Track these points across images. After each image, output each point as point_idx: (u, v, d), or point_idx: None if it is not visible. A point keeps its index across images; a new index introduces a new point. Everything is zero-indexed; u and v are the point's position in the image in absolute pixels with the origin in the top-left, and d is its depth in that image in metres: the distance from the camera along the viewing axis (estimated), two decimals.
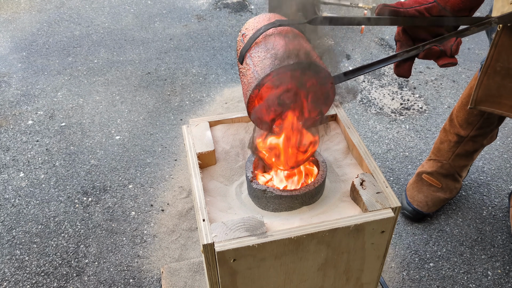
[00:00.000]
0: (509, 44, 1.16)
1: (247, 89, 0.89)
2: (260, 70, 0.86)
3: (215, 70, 2.64)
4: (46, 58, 2.75)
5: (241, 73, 0.95)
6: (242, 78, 0.94)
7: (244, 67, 0.93)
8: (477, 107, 1.32)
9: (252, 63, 0.90)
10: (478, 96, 1.30)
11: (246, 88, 0.90)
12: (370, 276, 1.05)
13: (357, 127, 2.21)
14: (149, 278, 1.60)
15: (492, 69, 1.23)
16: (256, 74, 0.87)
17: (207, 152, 1.07)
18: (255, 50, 0.91)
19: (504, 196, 1.85)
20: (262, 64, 0.87)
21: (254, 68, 0.88)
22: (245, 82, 0.91)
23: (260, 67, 0.87)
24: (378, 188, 0.96)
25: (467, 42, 2.81)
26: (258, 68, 0.87)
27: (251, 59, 0.91)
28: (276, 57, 0.85)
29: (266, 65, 0.86)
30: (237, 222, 0.89)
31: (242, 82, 0.94)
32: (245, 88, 0.91)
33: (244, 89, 0.92)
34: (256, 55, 0.90)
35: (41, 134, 2.20)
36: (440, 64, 0.99)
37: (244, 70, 0.93)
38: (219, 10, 3.25)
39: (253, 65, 0.89)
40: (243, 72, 0.93)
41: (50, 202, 1.86)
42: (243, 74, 0.93)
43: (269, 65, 0.85)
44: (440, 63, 0.99)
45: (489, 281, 1.57)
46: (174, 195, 1.89)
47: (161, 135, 2.19)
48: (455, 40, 0.95)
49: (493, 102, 1.29)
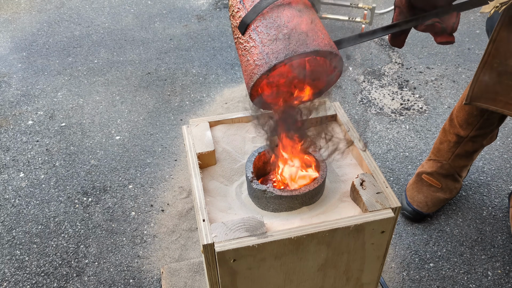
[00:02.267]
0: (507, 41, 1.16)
1: (254, 71, 0.81)
2: (271, 53, 0.79)
3: (215, 70, 2.64)
4: (46, 58, 2.75)
5: (241, 45, 0.86)
6: (244, 53, 0.85)
7: (247, 40, 0.85)
8: (472, 103, 1.32)
9: (260, 40, 0.82)
10: (473, 92, 1.30)
11: (252, 68, 0.82)
12: (370, 276, 1.05)
13: (357, 127, 2.21)
14: (149, 278, 1.60)
15: (489, 65, 1.23)
16: (265, 57, 0.80)
17: (207, 152, 1.07)
18: (262, 24, 0.83)
19: (504, 197, 1.85)
20: (273, 45, 0.79)
21: (262, 47, 0.81)
22: (250, 62, 0.83)
23: (271, 48, 0.80)
24: (378, 188, 0.96)
25: (467, 42, 2.81)
26: (268, 49, 0.80)
27: (257, 34, 0.83)
28: (290, 41, 0.79)
29: (278, 48, 0.79)
30: (237, 222, 0.89)
31: (243, 57, 0.86)
32: (249, 67, 0.83)
33: (249, 68, 0.84)
34: (265, 31, 0.82)
35: (41, 134, 2.20)
36: (438, 41, 0.97)
37: (247, 45, 0.84)
38: (219, 10, 3.25)
39: (260, 43, 0.82)
40: (246, 47, 0.84)
41: (50, 202, 1.86)
42: (245, 49, 0.85)
43: (282, 49, 0.78)
44: (438, 40, 0.97)
45: (489, 281, 1.57)
46: (174, 195, 1.89)
47: (161, 135, 2.19)
48: (457, 17, 0.94)
49: (488, 98, 1.29)
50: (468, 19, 3.04)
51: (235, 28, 0.88)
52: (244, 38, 0.86)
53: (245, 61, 0.85)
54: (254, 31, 0.83)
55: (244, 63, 0.85)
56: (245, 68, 0.85)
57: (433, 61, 2.67)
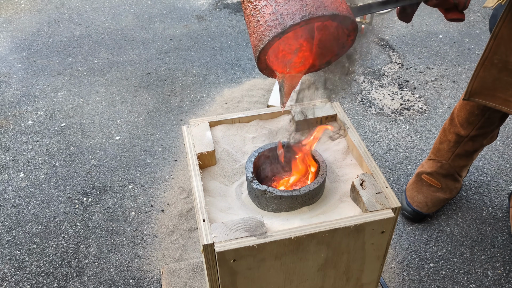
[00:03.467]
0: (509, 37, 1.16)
1: (265, 33, 0.75)
2: (285, 13, 0.74)
3: (215, 70, 2.64)
4: (46, 58, 2.75)
5: (250, 4, 0.80)
6: (254, 13, 0.79)
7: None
8: (471, 99, 1.32)
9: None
10: (473, 88, 1.30)
11: (263, 30, 0.76)
12: (370, 276, 1.05)
13: (357, 127, 2.21)
14: (149, 278, 1.60)
15: (490, 62, 1.23)
16: (279, 18, 0.74)
17: (207, 153, 1.07)
18: None
19: (504, 197, 1.85)
20: (288, 6, 0.74)
21: (276, 7, 0.75)
22: (261, 22, 0.77)
23: (286, 9, 0.74)
24: (378, 189, 0.96)
25: (467, 42, 2.81)
26: (283, 9, 0.74)
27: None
28: (307, 2, 0.73)
29: (294, 9, 0.73)
30: (237, 222, 0.89)
31: (252, 17, 0.79)
32: (260, 28, 0.77)
33: (259, 29, 0.77)
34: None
35: (41, 134, 2.20)
36: (448, 18, 0.94)
37: (258, 3, 0.78)
38: (219, 11, 3.25)
39: (274, 2, 0.75)
40: (257, 6, 0.78)
41: (50, 203, 1.86)
42: (255, 8, 0.78)
43: (298, 10, 0.73)
44: (449, 16, 0.94)
45: (489, 282, 1.57)
46: (174, 196, 1.89)
47: (161, 135, 2.19)
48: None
49: (487, 94, 1.29)
50: (468, 19, 3.04)
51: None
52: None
53: (255, 22, 0.78)
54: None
55: (253, 24, 0.79)
56: (254, 29, 0.78)
57: (433, 61, 2.67)
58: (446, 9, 0.94)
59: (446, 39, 2.85)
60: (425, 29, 2.95)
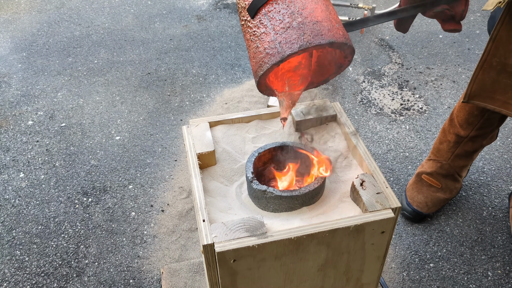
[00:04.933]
0: (507, 39, 1.16)
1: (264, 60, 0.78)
2: (284, 42, 0.75)
3: (215, 70, 2.64)
4: (46, 58, 2.75)
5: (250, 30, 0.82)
6: (253, 38, 0.81)
7: (257, 25, 0.80)
8: (470, 101, 1.32)
9: (272, 26, 0.78)
10: (472, 90, 1.30)
11: (262, 57, 0.78)
12: (370, 276, 1.05)
13: (357, 127, 2.21)
14: (149, 278, 1.60)
15: (488, 64, 1.23)
16: (278, 46, 0.76)
17: (207, 153, 1.07)
18: (275, 9, 0.78)
19: (504, 197, 1.85)
20: (286, 34, 0.76)
21: (274, 36, 0.77)
22: (260, 49, 0.79)
23: (284, 37, 0.76)
24: (378, 189, 0.96)
25: (467, 43, 2.81)
26: (281, 38, 0.76)
27: (269, 19, 0.78)
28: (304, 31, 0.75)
29: (292, 38, 0.75)
30: (237, 222, 0.89)
31: (251, 42, 0.81)
32: (259, 55, 0.79)
33: (258, 55, 0.80)
34: (277, 17, 0.78)
35: (41, 134, 2.20)
36: (445, 28, 0.95)
37: (257, 30, 0.80)
38: (219, 11, 3.25)
39: (272, 30, 0.77)
40: (256, 32, 0.80)
41: (50, 203, 1.86)
42: (254, 34, 0.80)
43: (296, 39, 0.75)
44: (446, 27, 0.95)
45: (489, 282, 1.57)
46: (174, 196, 1.89)
47: (161, 135, 2.19)
48: (466, 4, 0.92)
49: (486, 97, 1.29)
50: (468, 19, 3.04)
51: (243, 9, 0.83)
52: (253, 22, 0.81)
53: (254, 47, 0.81)
54: (265, 16, 0.79)
55: (252, 49, 0.81)
56: (254, 54, 0.81)
57: (433, 61, 2.67)
58: (443, 20, 0.95)
59: (446, 39, 2.85)
60: (425, 29, 2.95)
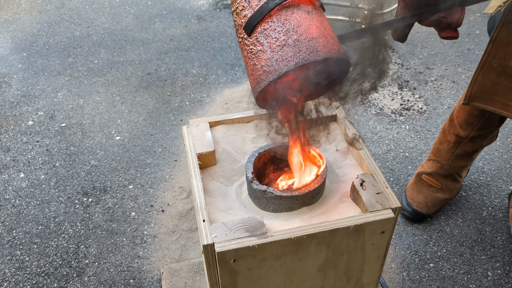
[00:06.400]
0: (507, 41, 1.16)
1: (262, 77, 0.79)
2: (280, 60, 0.77)
3: (215, 70, 2.64)
4: (46, 58, 2.75)
5: (247, 47, 0.83)
6: (250, 56, 0.82)
7: (254, 43, 0.82)
8: (470, 103, 1.32)
9: (268, 44, 0.79)
10: (472, 92, 1.30)
11: (260, 74, 0.80)
12: (370, 276, 1.05)
13: (357, 127, 2.21)
14: (149, 278, 1.60)
15: (488, 66, 1.23)
16: (274, 64, 0.78)
17: (207, 153, 1.07)
18: (270, 27, 0.80)
19: (504, 197, 1.85)
20: (283, 52, 0.77)
21: (271, 53, 0.78)
22: (257, 66, 0.81)
23: (280, 55, 0.77)
24: (378, 189, 0.96)
25: (467, 43, 2.81)
26: (277, 56, 0.78)
27: (265, 37, 0.80)
28: (300, 48, 0.76)
29: (288, 55, 0.77)
30: (237, 222, 0.89)
31: (249, 60, 0.83)
32: (257, 72, 0.81)
33: (256, 73, 0.82)
34: (273, 35, 0.79)
35: (41, 134, 2.20)
36: (442, 36, 0.96)
37: (254, 48, 0.81)
38: (219, 11, 3.25)
39: (269, 48, 0.79)
40: (253, 50, 0.82)
41: (50, 203, 1.86)
42: (251, 51, 0.82)
43: (291, 57, 0.76)
44: (443, 34, 0.96)
45: (489, 282, 1.57)
46: (174, 196, 1.89)
47: (161, 135, 2.19)
48: (462, 12, 0.92)
49: (486, 99, 1.29)
50: (468, 19, 3.04)
51: (239, 27, 0.85)
52: (250, 40, 0.82)
53: (252, 65, 0.82)
54: (261, 34, 0.80)
55: (250, 66, 0.83)
56: (252, 71, 0.83)
57: (433, 61, 2.67)
58: (440, 28, 0.95)
59: (446, 39, 2.85)
60: (425, 29, 2.95)
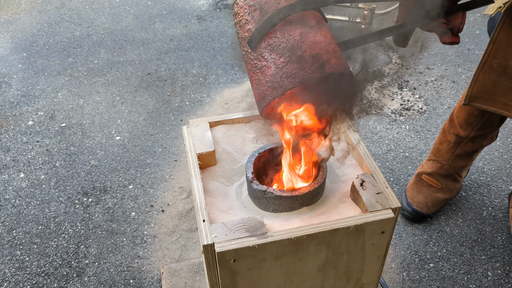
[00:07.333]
0: (507, 41, 1.16)
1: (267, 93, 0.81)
2: (285, 76, 0.79)
3: (215, 70, 2.64)
4: (46, 58, 2.75)
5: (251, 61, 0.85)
6: (255, 70, 0.84)
7: (258, 58, 0.83)
8: (471, 104, 1.32)
9: (273, 60, 0.81)
10: (472, 93, 1.30)
11: (264, 89, 0.82)
12: (370, 276, 1.05)
13: (357, 127, 2.21)
14: (149, 278, 1.60)
15: (489, 66, 1.23)
16: (279, 80, 0.79)
17: (207, 153, 1.07)
18: (274, 42, 0.81)
19: (504, 197, 1.85)
20: (287, 69, 0.79)
21: (275, 69, 0.80)
22: (262, 82, 0.82)
23: (285, 72, 0.79)
24: (378, 189, 0.96)
25: (467, 43, 2.81)
26: (282, 72, 0.79)
27: (270, 53, 0.81)
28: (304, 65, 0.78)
29: (293, 72, 0.78)
30: (237, 222, 0.89)
31: (253, 74, 0.85)
32: (262, 87, 0.83)
33: (261, 88, 0.83)
34: (277, 51, 0.80)
35: (41, 134, 2.20)
36: (443, 41, 0.97)
37: (258, 63, 0.83)
38: (219, 11, 3.25)
39: (273, 64, 0.80)
40: (257, 65, 0.83)
41: (51, 203, 1.86)
42: (256, 66, 0.83)
43: (296, 74, 0.78)
44: (444, 40, 0.96)
45: (489, 282, 1.57)
46: (174, 196, 1.89)
47: (161, 135, 2.19)
48: (462, 17, 0.93)
49: (487, 99, 1.29)
50: (468, 19, 3.04)
51: (243, 39, 0.86)
52: (254, 54, 0.83)
53: (256, 79, 0.84)
54: (265, 49, 0.81)
55: (254, 80, 0.84)
56: (256, 86, 0.84)
57: (433, 61, 2.67)
58: (441, 33, 0.95)
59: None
60: None
